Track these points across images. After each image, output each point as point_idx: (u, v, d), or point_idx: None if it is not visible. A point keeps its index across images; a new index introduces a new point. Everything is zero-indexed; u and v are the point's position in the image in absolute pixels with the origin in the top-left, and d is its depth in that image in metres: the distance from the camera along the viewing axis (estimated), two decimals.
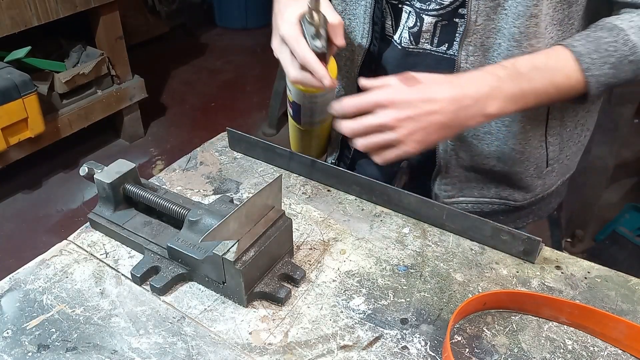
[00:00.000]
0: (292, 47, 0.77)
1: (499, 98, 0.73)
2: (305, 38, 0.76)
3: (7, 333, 0.69)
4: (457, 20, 0.83)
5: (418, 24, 0.86)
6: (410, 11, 0.87)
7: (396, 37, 0.91)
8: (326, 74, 0.75)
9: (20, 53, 2.27)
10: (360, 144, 0.75)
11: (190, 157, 1.03)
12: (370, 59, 0.94)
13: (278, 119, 3.08)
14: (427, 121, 0.71)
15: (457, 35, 0.84)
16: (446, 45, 0.87)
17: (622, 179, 2.53)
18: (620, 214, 2.28)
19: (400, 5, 0.88)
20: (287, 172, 0.99)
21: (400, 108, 0.70)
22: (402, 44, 0.90)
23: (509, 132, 0.89)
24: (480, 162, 0.93)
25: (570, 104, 0.89)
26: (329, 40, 0.77)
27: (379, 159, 0.76)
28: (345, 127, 0.75)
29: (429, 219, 0.86)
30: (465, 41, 0.81)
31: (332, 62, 0.84)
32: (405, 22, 0.88)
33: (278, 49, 0.81)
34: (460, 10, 0.81)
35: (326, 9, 0.78)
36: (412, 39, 0.88)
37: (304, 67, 0.77)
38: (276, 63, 0.87)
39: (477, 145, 0.92)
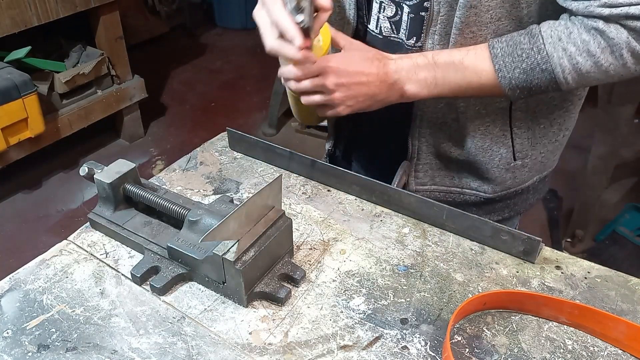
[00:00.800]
0: (268, 10, 0.76)
1: (414, 83, 0.83)
2: (287, 5, 0.74)
3: (7, 333, 0.69)
4: (423, 13, 0.86)
5: (399, 12, 0.89)
6: (382, 1, 0.90)
7: (372, 26, 0.94)
8: (297, 37, 0.74)
9: (20, 53, 2.27)
10: (304, 99, 0.85)
11: (190, 157, 1.03)
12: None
13: (278, 119, 3.08)
14: (357, 90, 0.82)
15: (423, 28, 0.87)
16: (414, 38, 0.90)
17: (622, 179, 2.53)
18: (620, 214, 2.28)
19: None
20: (287, 172, 0.99)
21: (340, 76, 0.81)
22: (383, 33, 0.93)
23: (466, 119, 0.92)
24: (447, 150, 0.97)
25: (544, 100, 0.92)
26: (315, 11, 0.76)
27: (319, 112, 0.87)
28: (295, 85, 0.83)
29: (429, 219, 0.86)
30: (430, 30, 0.85)
31: (326, 30, 0.85)
32: (379, 11, 0.91)
33: (257, 14, 0.80)
34: (425, 4, 0.85)
35: None
36: (393, 27, 0.92)
37: (281, 36, 0.77)
38: (276, 63, 0.87)
39: (442, 131, 0.95)
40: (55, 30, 2.56)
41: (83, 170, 0.84)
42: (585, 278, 0.77)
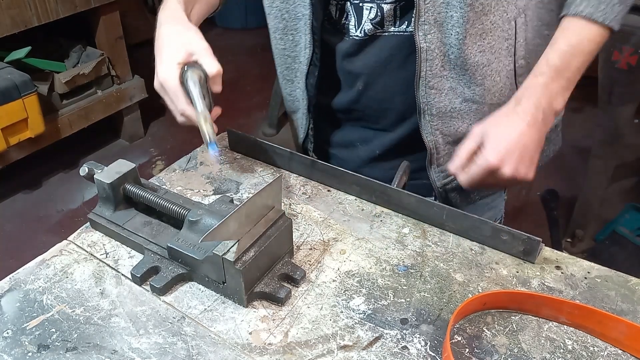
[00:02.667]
0: (172, 99, 0.84)
1: (556, 96, 0.84)
2: (187, 88, 0.81)
3: (7, 333, 0.69)
4: None
5: (379, 13, 0.90)
6: (371, 7, 0.90)
7: (358, 32, 0.94)
8: (208, 133, 0.81)
9: (20, 53, 2.27)
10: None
11: (190, 157, 1.03)
12: (314, 66, 0.98)
13: (278, 119, 3.08)
14: (532, 157, 0.83)
15: (413, 13, 0.86)
16: (406, 23, 0.90)
17: (622, 179, 2.53)
18: (620, 214, 2.27)
19: (361, 4, 0.91)
20: (287, 172, 0.99)
21: (513, 161, 0.81)
22: (368, 34, 0.93)
23: (478, 110, 0.93)
24: (467, 134, 0.95)
25: (539, 51, 0.93)
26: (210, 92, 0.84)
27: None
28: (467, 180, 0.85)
29: (429, 219, 0.86)
30: (419, 21, 0.84)
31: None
32: (367, 16, 0.92)
33: (160, 91, 0.86)
34: None
35: (204, 56, 0.83)
36: (377, 26, 0.92)
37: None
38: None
39: (457, 120, 0.95)
40: (55, 30, 2.56)
41: (83, 170, 0.84)
42: (585, 278, 0.77)
